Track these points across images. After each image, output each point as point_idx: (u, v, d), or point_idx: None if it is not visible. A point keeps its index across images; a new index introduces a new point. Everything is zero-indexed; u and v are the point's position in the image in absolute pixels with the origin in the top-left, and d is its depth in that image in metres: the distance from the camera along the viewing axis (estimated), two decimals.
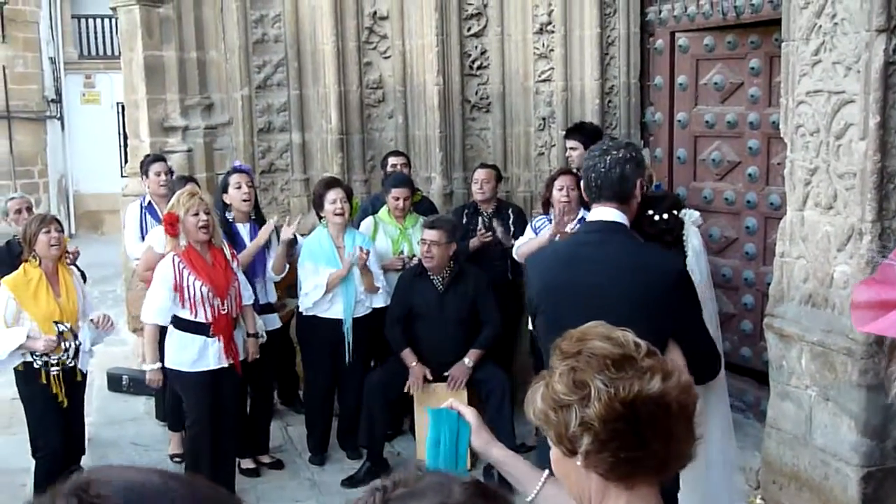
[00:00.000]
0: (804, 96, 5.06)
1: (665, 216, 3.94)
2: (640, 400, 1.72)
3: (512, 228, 7.10)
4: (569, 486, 1.87)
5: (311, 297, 6.50)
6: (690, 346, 3.37)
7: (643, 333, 3.28)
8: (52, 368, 5.72)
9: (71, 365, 5.81)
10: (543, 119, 7.89)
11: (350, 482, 6.28)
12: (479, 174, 7.18)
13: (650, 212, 3.91)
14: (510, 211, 7.26)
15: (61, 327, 5.72)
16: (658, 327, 3.31)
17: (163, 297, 5.70)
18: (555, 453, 1.85)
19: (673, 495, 3.50)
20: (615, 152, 3.54)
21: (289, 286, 6.92)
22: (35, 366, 5.71)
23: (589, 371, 1.76)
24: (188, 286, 5.67)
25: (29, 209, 6.92)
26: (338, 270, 6.43)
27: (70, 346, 5.76)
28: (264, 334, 6.20)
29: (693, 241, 3.99)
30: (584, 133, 7.00)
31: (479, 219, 7.14)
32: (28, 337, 5.62)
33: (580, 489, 1.83)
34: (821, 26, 4.89)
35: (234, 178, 6.51)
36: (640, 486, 1.78)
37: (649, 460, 1.75)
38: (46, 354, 5.69)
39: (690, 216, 4.02)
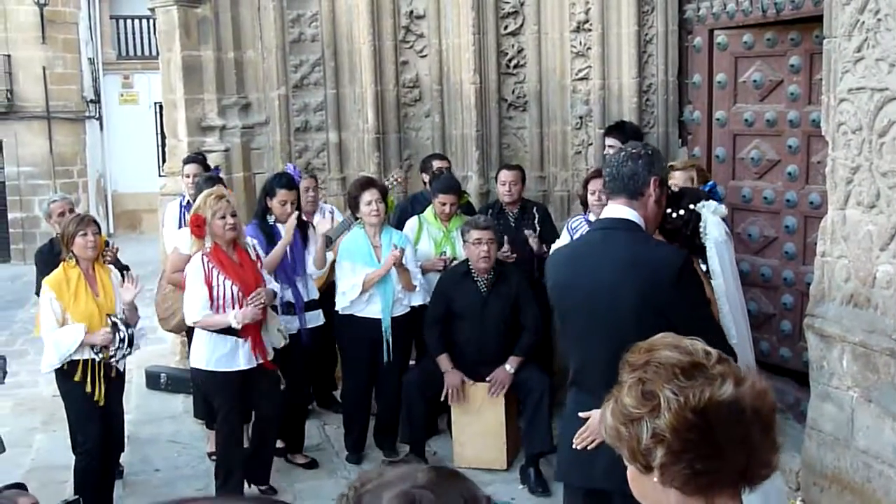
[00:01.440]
0: (846, 94, 5.00)
1: (681, 212, 3.94)
2: (711, 407, 1.66)
3: (538, 228, 7.06)
4: None
5: (348, 297, 6.52)
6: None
7: (647, 330, 3.27)
8: (96, 356, 5.74)
9: (112, 357, 5.83)
10: (580, 118, 7.86)
11: None
12: (506, 175, 7.11)
13: (668, 210, 3.91)
14: (535, 210, 7.21)
15: (113, 318, 5.76)
16: (663, 324, 3.30)
17: (203, 294, 5.68)
18: (631, 472, 1.79)
19: None
20: (629, 149, 3.63)
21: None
22: (78, 367, 5.77)
23: (658, 381, 1.71)
24: (218, 285, 5.67)
25: (72, 211, 6.97)
26: (375, 270, 6.44)
27: (124, 335, 5.78)
28: (287, 337, 6.17)
29: (713, 232, 3.95)
30: (623, 132, 6.98)
31: (507, 220, 7.10)
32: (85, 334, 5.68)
33: None
34: (863, 22, 4.83)
35: (281, 194, 6.42)
36: (722, 498, 1.71)
37: (727, 470, 1.69)
38: (105, 347, 5.73)
39: (709, 207, 3.99)
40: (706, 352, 1.76)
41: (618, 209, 3.54)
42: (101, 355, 5.74)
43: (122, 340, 5.77)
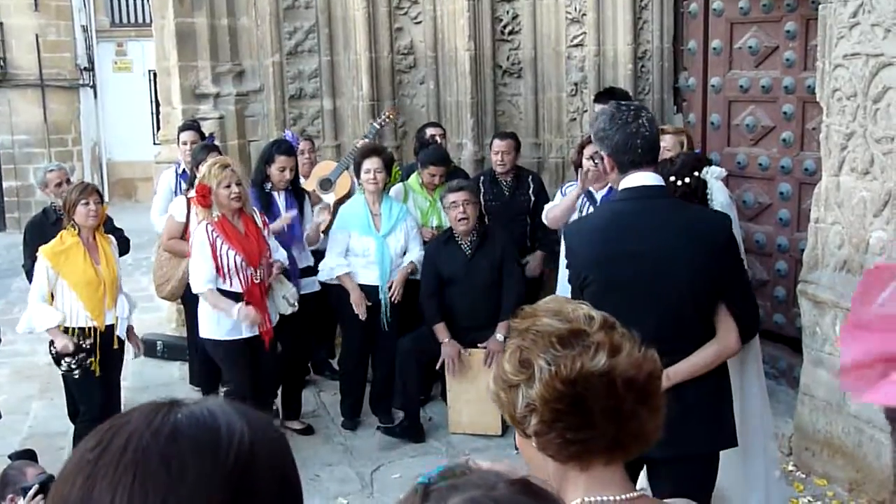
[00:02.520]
0: (841, 59, 4.99)
1: (687, 179, 3.91)
2: (582, 378, 1.66)
3: (532, 198, 7.04)
4: (532, 470, 1.81)
5: (324, 274, 6.55)
6: (738, 304, 3.40)
7: (704, 297, 3.28)
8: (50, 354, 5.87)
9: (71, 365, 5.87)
10: (575, 84, 7.84)
11: (387, 432, 6.40)
12: (499, 145, 7.04)
13: (672, 178, 3.85)
14: (530, 179, 7.18)
15: (80, 342, 5.79)
16: (717, 289, 3.36)
17: (208, 264, 5.69)
18: (517, 436, 1.81)
19: (713, 465, 3.49)
20: (646, 113, 3.43)
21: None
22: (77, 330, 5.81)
23: (535, 350, 1.71)
24: (222, 255, 5.69)
25: (68, 181, 6.96)
26: (352, 292, 6.45)
27: (85, 346, 5.79)
28: (296, 303, 6.20)
29: (718, 197, 3.95)
30: (615, 98, 6.97)
31: (500, 188, 7.08)
32: (57, 326, 5.72)
33: (541, 472, 1.76)
34: None
35: (280, 160, 6.42)
36: (596, 466, 1.72)
37: (599, 440, 1.69)
38: (63, 355, 5.77)
39: (712, 173, 3.98)
40: (589, 317, 1.75)
41: (645, 177, 3.36)
42: (54, 353, 5.82)
43: (78, 354, 5.78)
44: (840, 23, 4.97)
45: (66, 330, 5.75)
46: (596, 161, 6.09)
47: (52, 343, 5.81)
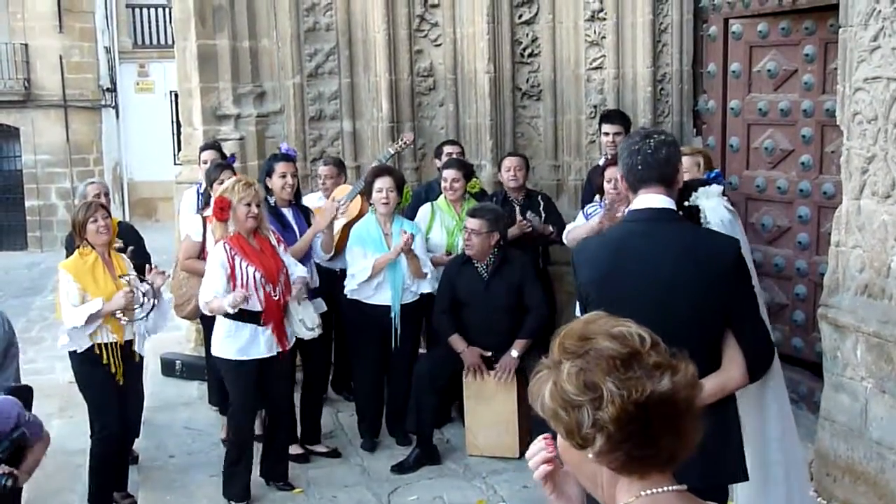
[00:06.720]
0: (862, 83, 4.98)
1: (680, 212, 3.85)
2: (652, 401, 1.73)
3: (543, 215, 7.06)
4: (577, 473, 1.90)
5: (357, 279, 6.50)
6: (746, 337, 3.27)
7: (709, 325, 3.21)
8: (122, 321, 5.80)
9: (140, 314, 5.88)
10: (595, 107, 7.85)
11: (399, 468, 6.30)
12: (510, 162, 7.14)
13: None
14: (539, 198, 7.24)
15: (126, 278, 5.81)
16: (723, 317, 3.26)
17: (221, 282, 5.63)
18: (563, 444, 1.86)
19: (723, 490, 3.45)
20: (657, 136, 3.43)
21: None
22: (96, 350, 5.80)
23: (598, 373, 1.76)
24: (242, 272, 5.67)
25: (107, 195, 7.01)
26: (385, 254, 6.45)
27: (146, 289, 5.83)
28: (315, 328, 6.12)
29: (712, 218, 3.82)
30: (623, 119, 7.04)
31: (512, 207, 7.09)
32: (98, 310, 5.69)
33: (591, 476, 1.85)
34: (880, 11, 4.81)
35: (279, 167, 6.50)
36: (651, 477, 1.79)
37: (661, 456, 1.77)
38: (129, 310, 5.77)
39: (703, 194, 3.89)
40: (640, 337, 1.80)
41: (654, 198, 3.35)
42: (125, 319, 5.78)
43: (144, 294, 5.82)
44: (860, 46, 4.96)
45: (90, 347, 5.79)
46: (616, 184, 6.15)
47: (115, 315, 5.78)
